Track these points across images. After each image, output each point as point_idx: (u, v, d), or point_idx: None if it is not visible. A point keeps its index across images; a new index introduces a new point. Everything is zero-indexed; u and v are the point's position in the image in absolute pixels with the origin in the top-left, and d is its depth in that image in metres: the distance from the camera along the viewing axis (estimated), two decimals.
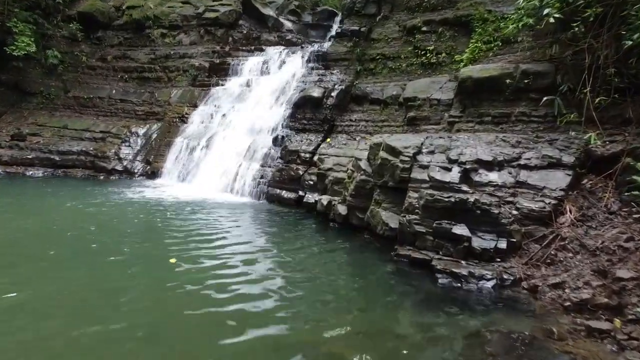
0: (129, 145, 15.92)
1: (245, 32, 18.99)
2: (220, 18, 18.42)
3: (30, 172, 15.04)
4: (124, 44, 19.31)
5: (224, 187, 13.07)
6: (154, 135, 16.23)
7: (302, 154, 11.99)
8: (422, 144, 8.37)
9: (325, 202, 9.90)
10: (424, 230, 7.33)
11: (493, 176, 7.40)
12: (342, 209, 9.42)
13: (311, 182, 11.26)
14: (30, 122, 16.99)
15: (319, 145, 12.08)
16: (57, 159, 15.56)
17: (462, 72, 9.06)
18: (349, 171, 9.52)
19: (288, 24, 20.28)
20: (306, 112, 12.91)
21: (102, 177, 15.26)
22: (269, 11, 19.85)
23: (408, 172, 7.92)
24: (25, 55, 16.24)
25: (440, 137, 8.67)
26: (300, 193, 11.52)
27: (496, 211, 6.88)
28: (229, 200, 12.11)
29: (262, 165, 12.83)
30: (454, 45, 11.80)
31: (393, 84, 12.27)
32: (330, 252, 8.17)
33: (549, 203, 6.88)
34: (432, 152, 8.15)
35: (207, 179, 13.68)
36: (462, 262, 6.75)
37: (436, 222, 7.14)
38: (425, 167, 7.86)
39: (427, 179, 7.64)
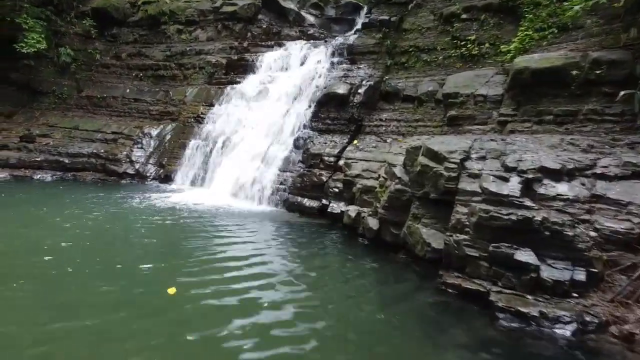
0: (142, 147, 14.95)
1: (264, 26, 17.86)
2: (238, 12, 17.35)
3: (39, 176, 14.20)
4: (139, 41, 18.45)
5: (240, 193, 11.93)
6: (168, 137, 15.22)
7: (326, 158, 10.74)
8: (470, 147, 7.04)
9: (353, 214, 8.63)
10: (477, 255, 5.99)
11: (562, 188, 6.02)
12: (373, 223, 8.13)
13: (336, 190, 10.00)
14: (41, 122, 16.22)
15: (344, 148, 10.81)
16: (67, 161, 14.71)
17: (516, 63, 7.66)
18: (380, 179, 8.23)
19: (310, 18, 19.05)
20: (330, 111, 11.65)
21: (112, 181, 14.32)
22: (289, 4, 18.66)
23: (455, 182, 6.60)
24: (36, 52, 15.46)
25: (492, 140, 7.32)
26: (324, 202, 10.27)
27: (570, 233, 5.48)
28: (245, 209, 10.96)
29: (281, 170, 11.63)
30: (498, 34, 10.38)
31: (428, 79, 10.91)
32: (359, 275, 6.92)
33: (638, 223, 5.47)
34: (483, 158, 6.81)
35: (222, 184, 12.58)
36: (529, 297, 5.39)
37: (493, 245, 5.80)
38: (476, 176, 6.52)
39: (479, 190, 6.30)
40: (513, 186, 6.10)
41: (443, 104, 9.70)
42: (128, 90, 17.29)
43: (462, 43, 10.72)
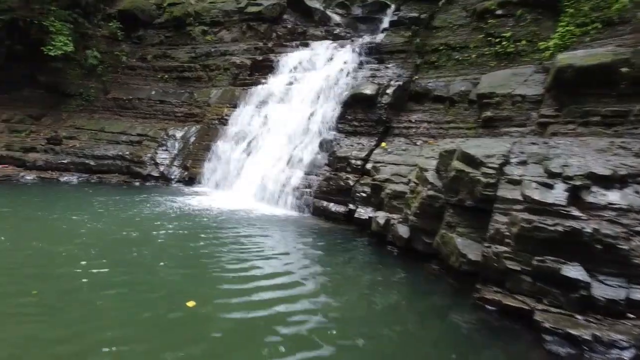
0: (166, 149, 14.88)
1: (289, 26, 17.60)
2: (263, 12, 17.14)
3: (65, 178, 14.27)
4: (164, 42, 18.45)
5: (264, 196, 11.66)
6: (192, 139, 15.11)
7: (353, 161, 10.35)
8: (509, 151, 6.56)
9: (381, 221, 8.22)
10: (519, 268, 5.51)
11: (613, 196, 5.48)
12: (403, 231, 7.72)
13: (363, 195, 9.61)
14: (68, 124, 16.36)
15: (372, 151, 10.40)
16: (93, 163, 14.75)
17: (559, 61, 7.13)
18: (411, 184, 7.80)
19: (336, 18, 18.72)
20: (357, 112, 11.26)
21: (137, 184, 14.29)
22: (315, 4, 18.36)
23: (493, 189, 6.13)
24: (63, 55, 15.60)
25: (533, 143, 6.82)
26: (351, 206, 9.89)
27: (625, 246, 4.96)
28: (269, 213, 10.67)
29: (306, 173, 11.30)
30: (536, 30, 9.79)
31: (461, 78, 10.41)
32: (388, 287, 6.55)
33: None
34: (524, 163, 6.33)
35: (246, 187, 12.33)
36: (579, 317, 4.89)
37: (537, 258, 5.32)
38: (516, 182, 6.04)
39: (521, 198, 5.83)
40: (558, 194, 5.61)
41: (477, 105, 9.20)
42: (153, 92, 17.29)
43: (497, 40, 10.17)
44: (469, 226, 6.54)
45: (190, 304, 5.23)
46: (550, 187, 5.72)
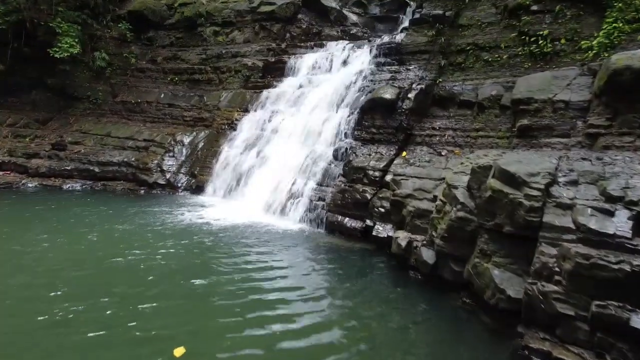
0: (173, 156, 14.16)
1: (304, 26, 16.74)
2: (276, 12, 16.32)
3: (68, 185, 13.64)
4: (175, 44, 17.78)
5: (275, 208, 10.80)
6: (201, 144, 14.36)
7: (371, 172, 9.44)
8: (556, 168, 5.59)
9: (403, 243, 7.29)
10: (573, 314, 4.56)
11: None
12: (428, 255, 6.78)
13: (382, 210, 8.69)
14: (74, 129, 15.79)
15: (392, 161, 9.47)
16: (97, 170, 14.11)
17: (613, 61, 6.10)
18: (438, 202, 6.85)
19: (352, 17, 17.78)
20: (375, 118, 10.32)
21: (142, 192, 13.57)
22: (331, 3, 17.45)
23: (538, 214, 5.18)
24: (70, 57, 15.01)
25: (584, 159, 5.84)
26: (368, 222, 8.98)
27: None
28: (280, 227, 9.83)
29: (319, 184, 10.42)
30: (577, 27, 8.75)
31: (490, 81, 9.41)
32: (410, 319, 5.77)
33: None
34: (574, 183, 5.36)
35: (256, 197, 11.50)
36: None
37: (597, 303, 4.36)
38: (567, 206, 5.08)
39: (573, 226, 4.88)
40: (621, 223, 4.64)
41: (511, 111, 8.19)
42: (162, 95, 16.62)
43: (532, 39, 9.12)
44: (507, 256, 5.58)
45: (178, 352, 4.40)
46: (609, 213, 4.77)
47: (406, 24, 16.14)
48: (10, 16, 14.87)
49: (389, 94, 10.13)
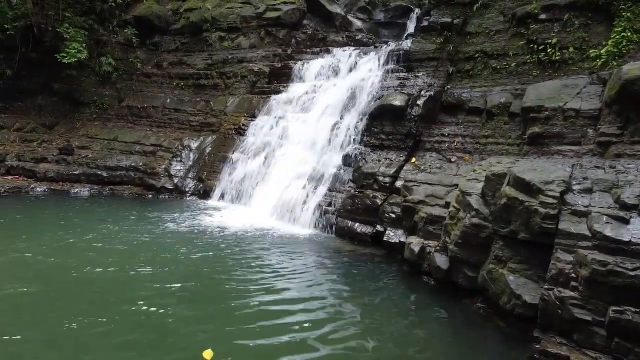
0: (181, 161, 14.24)
1: (310, 32, 16.90)
2: (282, 18, 16.48)
3: (76, 190, 13.69)
4: (180, 49, 17.91)
5: (284, 214, 10.89)
6: (208, 149, 14.45)
7: (381, 178, 9.54)
8: (571, 177, 5.70)
9: (416, 249, 7.38)
10: (590, 319, 4.65)
11: None
12: (441, 261, 6.87)
13: (393, 216, 8.79)
14: (81, 133, 15.86)
15: (401, 167, 9.57)
16: (105, 175, 14.18)
17: (625, 71, 6.22)
18: (451, 209, 6.94)
19: (358, 23, 17.96)
20: (385, 125, 10.43)
21: (150, 197, 13.65)
22: (336, 9, 17.62)
23: (554, 221, 5.28)
24: (78, 62, 15.09)
25: (597, 167, 5.96)
26: (379, 228, 9.08)
27: None
28: (289, 232, 9.91)
29: (329, 190, 10.52)
30: (586, 36, 8.89)
31: (499, 89, 9.53)
32: (423, 326, 5.86)
33: None
34: (589, 191, 5.47)
35: (264, 203, 11.59)
36: None
37: (614, 309, 4.46)
38: (582, 214, 5.19)
39: (589, 234, 4.98)
40: (636, 230, 4.75)
41: (522, 119, 8.31)
42: (169, 100, 16.71)
43: (541, 47, 9.26)
44: (523, 262, 5.67)
45: (208, 355, 4.48)
46: (625, 221, 4.87)
47: (411, 30, 16.32)
48: (19, 22, 14.94)
49: (398, 100, 10.25)
